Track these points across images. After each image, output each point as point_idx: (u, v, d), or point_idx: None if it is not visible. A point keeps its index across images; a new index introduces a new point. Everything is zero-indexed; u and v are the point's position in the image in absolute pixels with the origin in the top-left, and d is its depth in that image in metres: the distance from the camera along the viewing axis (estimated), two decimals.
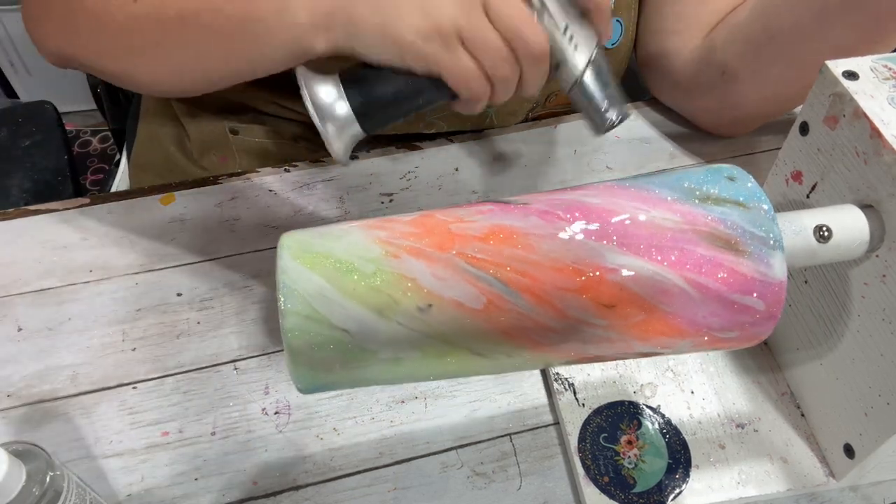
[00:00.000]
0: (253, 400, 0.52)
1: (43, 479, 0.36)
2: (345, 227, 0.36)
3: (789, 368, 0.51)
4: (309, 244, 0.34)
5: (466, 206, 0.37)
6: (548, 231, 0.34)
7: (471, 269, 0.33)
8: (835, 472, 0.47)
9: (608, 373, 0.52)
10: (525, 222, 0.34)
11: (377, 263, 0.33)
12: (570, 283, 0.33)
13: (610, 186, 0.36)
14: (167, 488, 0.48)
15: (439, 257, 0.33)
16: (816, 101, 0.43)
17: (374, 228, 0.35)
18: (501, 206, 0.36)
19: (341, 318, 0.33)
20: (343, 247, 0.34)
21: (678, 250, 0.33)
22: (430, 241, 0.34)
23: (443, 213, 0.36)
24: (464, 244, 0.34)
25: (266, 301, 0.57)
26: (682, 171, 0.37)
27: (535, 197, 0.37)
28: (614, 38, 0.65)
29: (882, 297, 0.39)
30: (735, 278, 0.34)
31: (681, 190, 0.35)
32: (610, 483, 0.47)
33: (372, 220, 0.36)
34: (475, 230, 0.34)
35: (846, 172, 0.41)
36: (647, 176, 0.37)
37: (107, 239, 0.61)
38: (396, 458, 0.49)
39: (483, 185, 0.66)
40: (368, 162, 0.67)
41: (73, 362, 0.53)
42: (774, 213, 0.35)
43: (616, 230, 0.34)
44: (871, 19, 0.52)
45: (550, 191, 0.37)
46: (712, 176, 0.36)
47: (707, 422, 0.50)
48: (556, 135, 0.70)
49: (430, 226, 0.35)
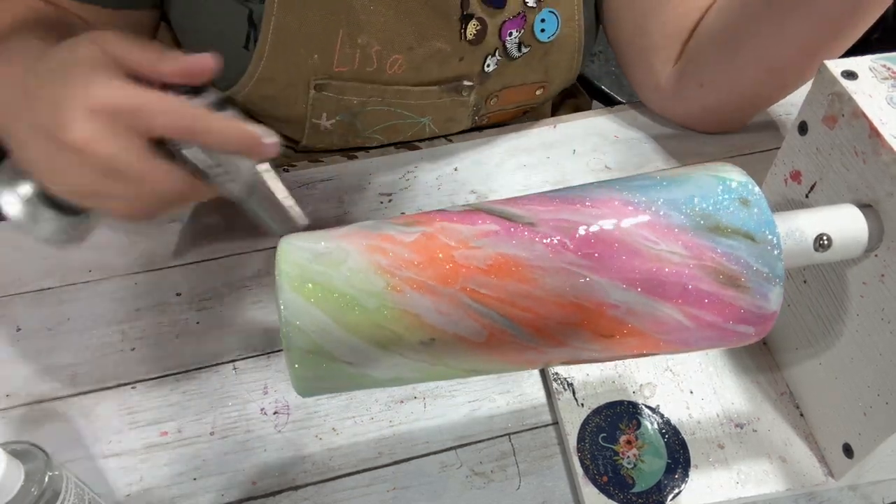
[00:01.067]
0: (252, 400, 0.52)
1: (41, 479, 0.36)
2: (344, 245, 0.34)
3: (788, 368, 0.51)
4: (308, 272, 0.33)
5: (469, 217, 0.35)
6: (552, 264, 0.34)
7: (475, 304, 0.33)
8: (834, 471, 0.47)
9: (607, 373, 0.52)
10: (530, 252, 0.33)
11: (380, 298, 0.33)
12: (571, 318, 0.34)
13: (619, 205, 0.34)
14: (166, 488, 0.48)
15: (443, 292, 0.33)
16: (815, 100, 0.43)
17: (376, 253, 0.34)
18: (506, 225, 0.34)
19: (344, 352, 0.33)
20: (344, 276, 0.33)
21: (682, 287, 0.33)
22: (433, 274, 0.33)
23: (445, 234, 0.34)
24: (468, 277, 0.33)
25: (265, 301, 0.57)
26: (692, 179, 0.35)
27: (540, 209, 0.35)
28: (550, 31, 0.62)
29: (881, 297, 0.39)
30: (732, 312, 0.34)
31: (691, 213, 0.34)
32: (609, 483, 0.47)
33: (372, 235, 0.35)
34: (479, 260, 0.33)
35: (845, 172, 0.41)
36: (656, 184, 0.35)
37: (106, 239, 0.61)
38: (395, 458, 0.49)
39: (483, 185, 0.65)
40: (368, 162, 0.67)
41: (72, 362, 0.53)
42: (781, 249, 0.34)
43: (621, 266, 0.33)
44: (824, 15, 0.52)
45: (556, 198, 0.35)
46: (725, 196, 0.34)
47: (706, 421, 0.50)
48: (556, 135, 0.70)
49: (433, 252, 0.34)
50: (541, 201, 0.36)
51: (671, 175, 0.36)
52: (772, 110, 0.72)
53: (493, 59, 0.61)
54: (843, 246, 0.38)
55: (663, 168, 0.38)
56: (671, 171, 0.37)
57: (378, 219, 0.37)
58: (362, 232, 0.35)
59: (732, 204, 0.34)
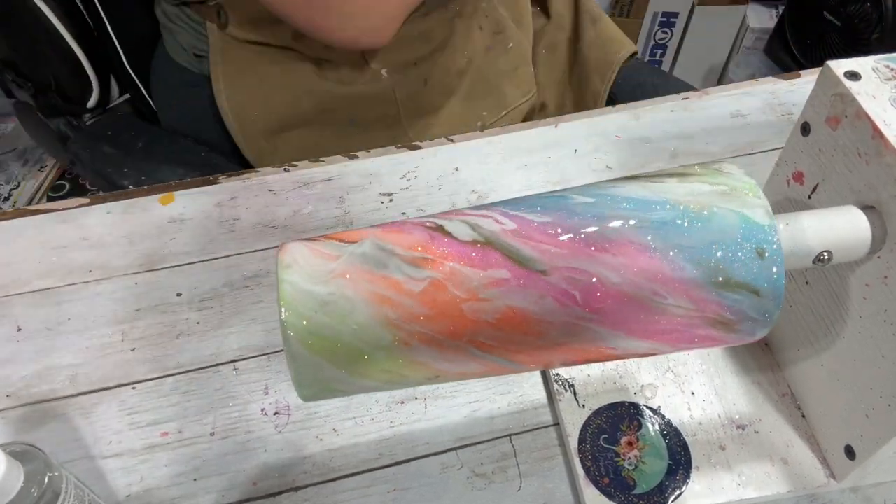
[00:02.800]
0: (252, 400, 0.52)
1: (41, 479, 0.36)
2: (349, 294, 0.33)
3: (790, 369, 0.51)
4: (314, 325, 0.33)
5: (480, 258, 0.33)
6: (560, 318, 0.34)
7: (480, 353, 0.34)
8: (836, 473, 0.47)
9: (608, 374, 0.52)
10: (540, 307, 0.33)
11: (388, 351, 0.33)
12: (573, 359, 0.36)
13: (635, 251, 0.33)
14: (166, 489, 0.47)
15: (451, 345, 0.33)
16: (818, 101, 0.42)
17: (384, 304, 0.33)
18: (517, 273, 0.33)
19: (353, 390, 0.35)
20: (351, 330, 0.33)
21: (679, 333, 0.35)
22: (441, 328, 0.33)
23: (454, 282, 0.33)
24: (476, 332, 0.33)
25: (266, 301, 0.57)
26: (715, 219, 0.34)
27: (553, 250, 0.33)
28: None
29: (883, 299, 0.39)
30: (720, 343, 0.36)
31: (706, 266, 0.33)
32: (610, 484, 0.47)
33: (377, 277, 0.33)
34: (488, 314, 0.33)
35: (848, 173, 0.41)
36: (677, 226, 0.33)
37: (106, 239, 0.61)
38: (396, 459, 0.49)
39: (483, 185, 0.65)
40: (368, 161, 0.67)
41: (72, 362, 0.53)
42: (781, 301, 0.34)
43: (626, 320, 0.34)
44: None
45: (571, 231, 0.33)
46: (743, 244, 0.33)
47: (707, 423, 0.49)
48: (557, 135, 0.70)
49: (441, 306, 0.33)
50: (554, 233, 0.34)
51: (694, 206, 0.34)
52: (773, 110, 0.72)
53: None
54: (846, 249, 0.38)
55: (670, 170, 0.37)
56: (692, 198, 0.34)
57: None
58: (366, 270, 0.33)
59: (748, 255, 0.33)
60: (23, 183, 1.53)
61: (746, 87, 0.75)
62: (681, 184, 0.35)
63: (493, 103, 0.81)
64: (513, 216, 0.34)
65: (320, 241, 0.34)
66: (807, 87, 0.74)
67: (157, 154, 0.77)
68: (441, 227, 0.34)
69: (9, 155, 1.55)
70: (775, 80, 0.76)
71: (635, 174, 0.37)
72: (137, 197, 0.64)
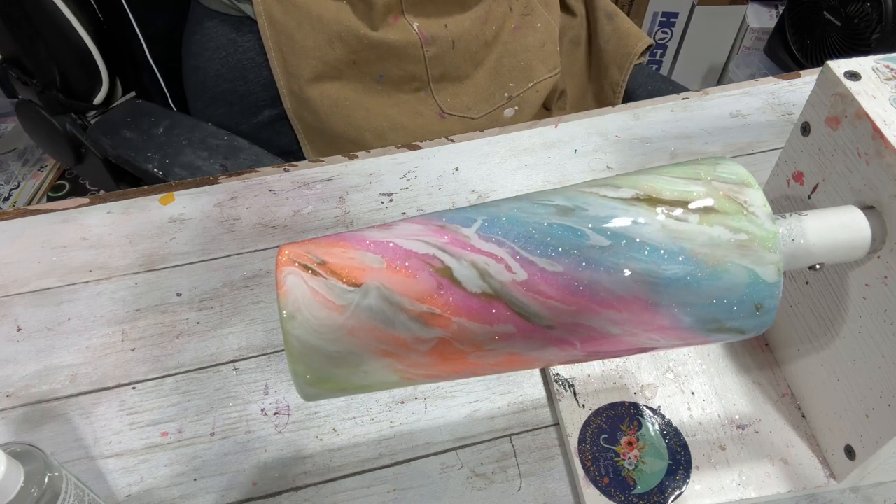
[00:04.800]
0: (252, 400, 0.52)
1: (41, 480, 0.36)
2: (358, 351, 0.33)
3: (790, 369, 0.51)
4: (324, 374, 0.33)
5: (486, 310, 0.33)
6: (559, 357, 0.35)
7: (477, 376, 0.37)
8: (836, 473, 0.47)
9: (608, 373, 0.52)
10: (540, 352, 0.34)
11: (394, 385, 0.36)
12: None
13: (639, 309, 0.33)
14: (166, 489, 0.47)
15: (451, 377, 0.36)
16: (818, 101, 0.42)
17: (392, 358, 0.33)
18: (523, 327, 0.33)
19: (354, 393, 0.37)
20: (360, 376, 0.34)
21: (660, 350, 0.37)
22: (445, 370, 0.35)
23: (460, 338, 0.33)
24: (476, 369, 0.35)
25: (265, 301, 0.57)
26: (726, 276, 0.33)
27: (561, 307, 0.33)
28: None
29: (883, 299, 0.39)
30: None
31: (703, 319, 0.34)
32: (610, 484, 0.47)
33: (385, 335, 0.33)
34: (490, 359, 0.34)
35: (848, 173, 0.41)
36: (687, 281, 0.33)
37: (106, 239, 0.61)
38: (396, 459, 0.49)
39: (483, 185, 0.65)
40: (368, 161, 0.67)
41: (72, 362, 0.53)
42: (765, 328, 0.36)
43: (618, 353, 0.36)
44: None
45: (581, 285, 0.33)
46: (745, 300, 0.34)
47: (707, 423, 0.49)
48: (557, 134, 0.70)
49: (447, 356, 0.34)
50: (564, 287, 0.33)
51: (709, 260, 0.33)
52: (773, 110, 0.72)
53: None
54: (846, 249, 0.38)
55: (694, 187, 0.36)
56: (709, 251, 0.33)
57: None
58: (373, 327, 0.33)
59: (747, 308, 0.34)
60: (23, 183, 1.53)
61: (746, 87, 0.75)
62: (701, 226, 0.33)
63: (520, 76, 0.84)
64: (524, 261, 0.33)
65: (320, 279, 0.32)
66: (807, 87, 0.74)
67: (179, 138, 0.78)
68: (449, 273, 0.33)
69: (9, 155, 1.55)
70: (775, 80, 0.76)
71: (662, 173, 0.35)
72: (137, 197, 0.64)
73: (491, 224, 0.34)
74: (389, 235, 0.34)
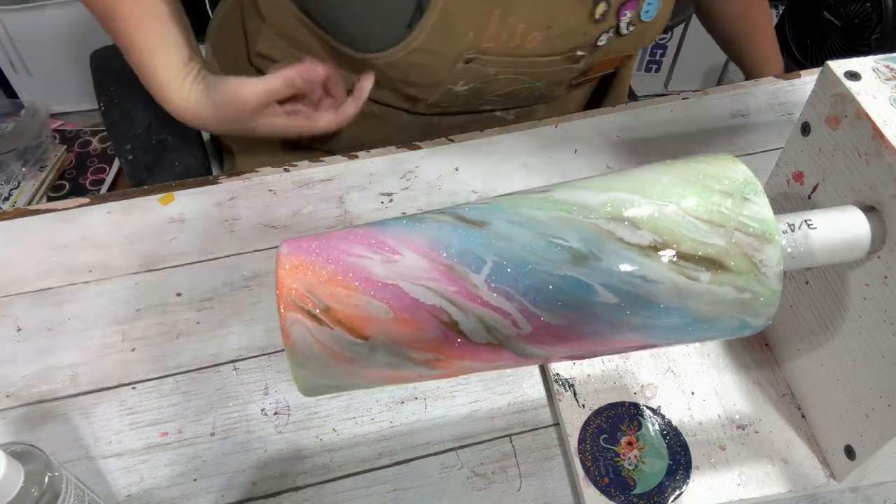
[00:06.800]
0: (252, 400, 0.52)
1: (41, 480, 0.36)
2: (364, 383, 0.36)
3: (790, 369, 0.51)
4: (328, 389, 0.36)
5: (490, 355, 0.34)
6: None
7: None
8: (835, 473, 0.47)
9: (608, 373, 0.52)
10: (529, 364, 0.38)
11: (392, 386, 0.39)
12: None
13: (631, 346, 0.35)
14: (166, 489, 0.47)
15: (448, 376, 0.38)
16: (818, 101, 0.42)
17: (396, 381, 0.36)
18: (521, 360, 0.35)
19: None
20: (360, 388, 0.37)
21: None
22: (443, 377, 0.37)
23: (462, 370, 0.35)
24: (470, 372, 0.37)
25: (265, 301, 0.57)
26: (720, 325, 0.34)
27: (558, 348, 0.34)
28: (652, 13, 0.67)
29: (884, 299, 0.39)
30: None
31: (692, 343, 0.37)
32: (610, 484, 0.47)
33: (392, 376, 0.35)
34: (484, 369, 0.37)
35: (848, 173, 0.41)
36: (685, 330, 0.34)
37: (106, 239, 0.61)
38: (396, 459, 0.49)
39: (483, 185, 0.65)
40: (368, 161, 0.67)
41: (72, 362, 0.53)
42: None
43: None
44: None
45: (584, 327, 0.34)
46: (731, 334, 0.36)
47: (707, 423, 0.49)
48: (557, 135, 0.70)
49: (447, 376, 0.36)
50: (567, 339, 0.34)
51: (708, 315, 0.34)
52: (773, 110, 0.72)
53: (606, 35, 0.67)
54: (846, 249, 0.38)
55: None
56: (711, 308, 0.34)
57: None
58: (380, 370, 0.34)
59: (732, 335, 0.36)
60: (23, 183, 1.53)
61: (746, 87, 0.75)
62: (710, 285, 0.33)
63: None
64: (531, 315, 0.33)
65: (326, 329, 0.32)
66: (807, 87, 0.74)
67: None
68: (456, 326, 0.33)
69: (9, 155, 1.55)
70: (775, 80, 0.76)
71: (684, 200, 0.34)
72: (137, 197, 0.64)
73: (501, 271, 0.33)
74: (394, 274, 0.33)
